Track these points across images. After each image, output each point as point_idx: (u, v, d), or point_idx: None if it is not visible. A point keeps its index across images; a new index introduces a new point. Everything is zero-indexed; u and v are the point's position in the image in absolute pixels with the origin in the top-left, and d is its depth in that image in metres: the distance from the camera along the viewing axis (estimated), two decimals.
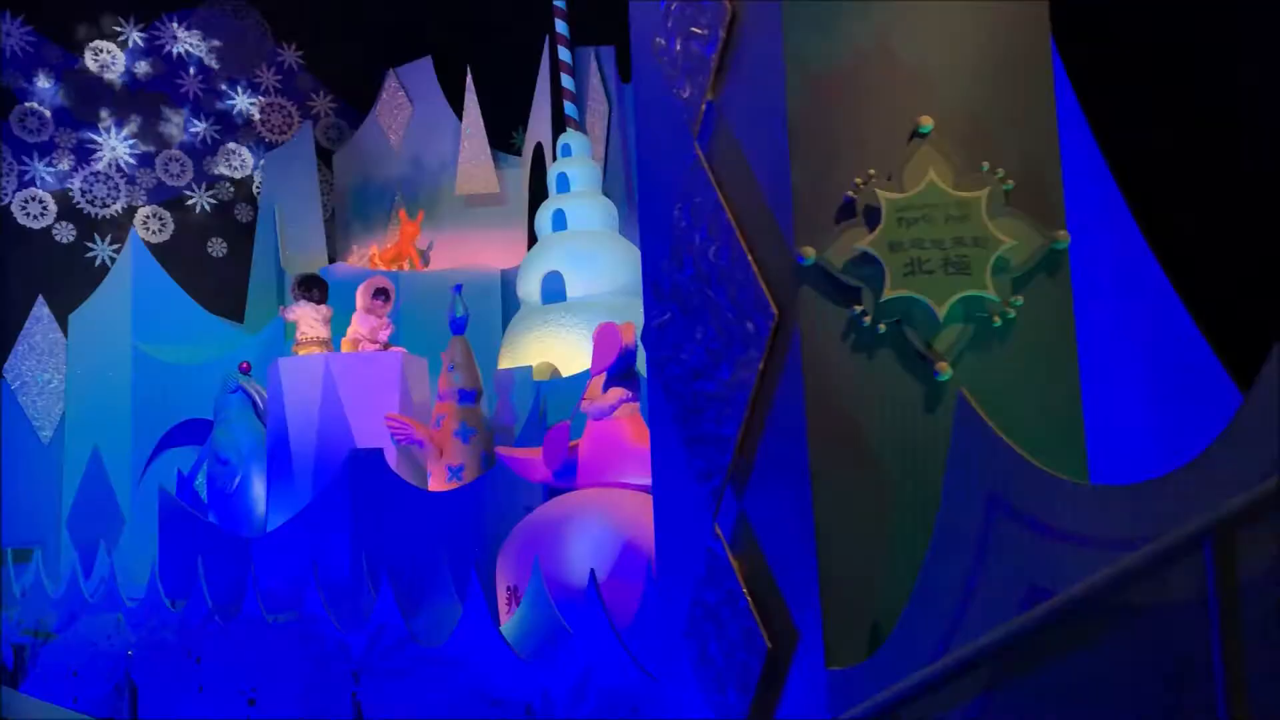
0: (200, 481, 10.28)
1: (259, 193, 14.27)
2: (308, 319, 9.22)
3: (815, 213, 2.92)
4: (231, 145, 14.29)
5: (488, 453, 8.72)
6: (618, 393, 6.63)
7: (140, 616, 8.53)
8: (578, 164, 10.52)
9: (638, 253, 10.53)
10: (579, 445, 6.91)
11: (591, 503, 6.58)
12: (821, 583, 2.81)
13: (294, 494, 8.60)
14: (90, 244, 13.14)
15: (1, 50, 12.77)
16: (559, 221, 10.29)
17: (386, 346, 8.99)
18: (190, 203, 13.92)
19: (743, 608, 2.95)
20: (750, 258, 2.96)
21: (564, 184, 10.46)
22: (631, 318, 9.85)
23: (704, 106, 3.16)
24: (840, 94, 2.95)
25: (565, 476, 6.86)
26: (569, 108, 11.05)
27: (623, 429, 6.61)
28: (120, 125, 13.47)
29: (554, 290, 10.02)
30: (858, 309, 2.87)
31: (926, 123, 2.91)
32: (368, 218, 14.16)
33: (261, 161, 14.27)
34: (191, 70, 14.08)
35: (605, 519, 6.38)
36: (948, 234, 2.84)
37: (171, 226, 13.75)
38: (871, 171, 2.91)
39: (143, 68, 13.75)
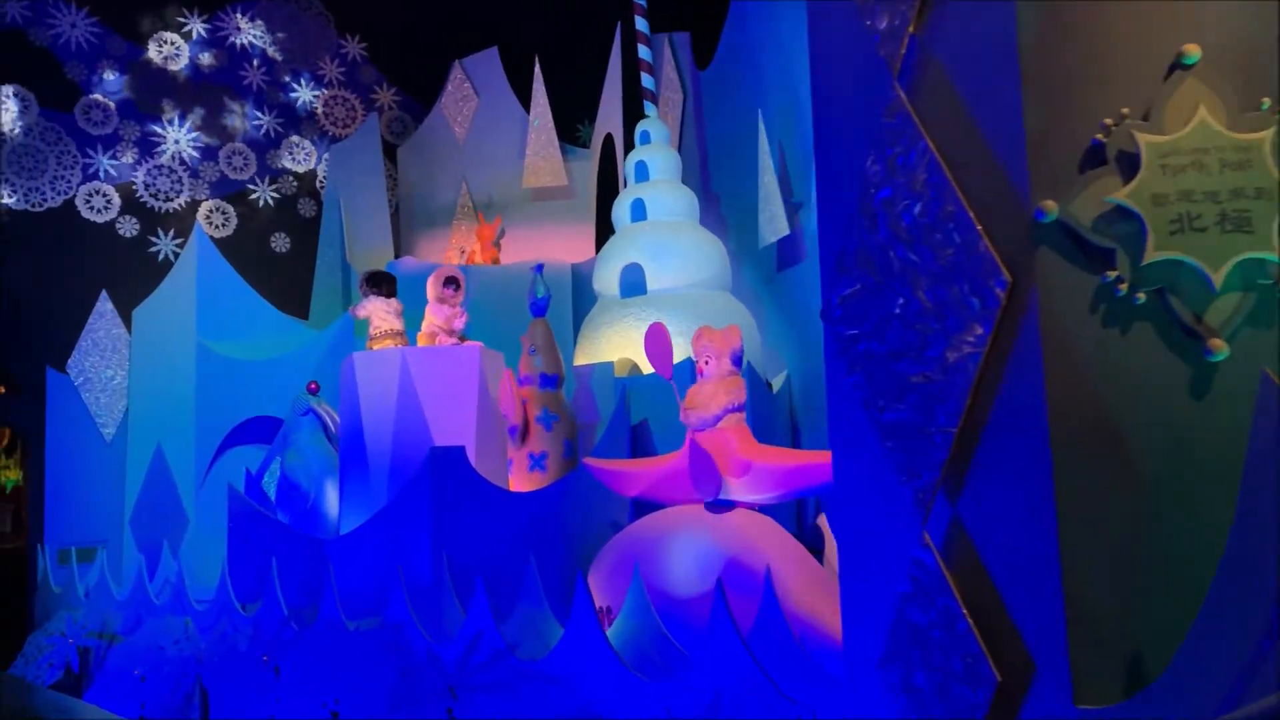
0: (268, 481, 9.96)
1: (323, 187, 14.00)
2: (379, 313, 8.85)
3: (1054, 161, 2.44)
4: (295, 138, 14.02)
5: (570, 440, 8.32)
6: (723, 400, 6.15)
7: (209, 620, 8.19)
8: (657, 151, 10.09)
9: (720, 244, 10.12)
10: (678, 457, 6.45)
11: (694, 519, 6.12)
12: (1067, 603, 2.33)
13: (369, 494, 8.24)
14: (153, 238, 12.91)
15: (66, 42, 12.58)
16: (638, 211, 9.86)
17: (463, 339, 8.60)
18: (253, 197, 13.67)
19: (963, 631, 2.47)
20: (972, 215, 2.48)
21: (643, 172, 10.03)
22: (714, 312, 9.41)
23: (906, 40, 2.69)
24: (1083, 19, 2.47)
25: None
26: (647, 79, 10.60)
27: (727, 440, 6.13)
28: (184, 118, 13.25)
29: (633, 283, 9.60)
30: (1110, 275, 2.39)
31: (1192, 52, 2.42)
32: (432, 212, 13.85)
33: (326, 155, 14.00)
34: (254, 62, 13.83)
35: (709, 536, 5.92)
36: (1224, 184, 2.35)
37: (234, 221, 13.50)
38: (1124, 110, 2.43)
39: (206, 59, 13.52)
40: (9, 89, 12.13)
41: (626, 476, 6.79)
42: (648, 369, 9.12)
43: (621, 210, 9.96)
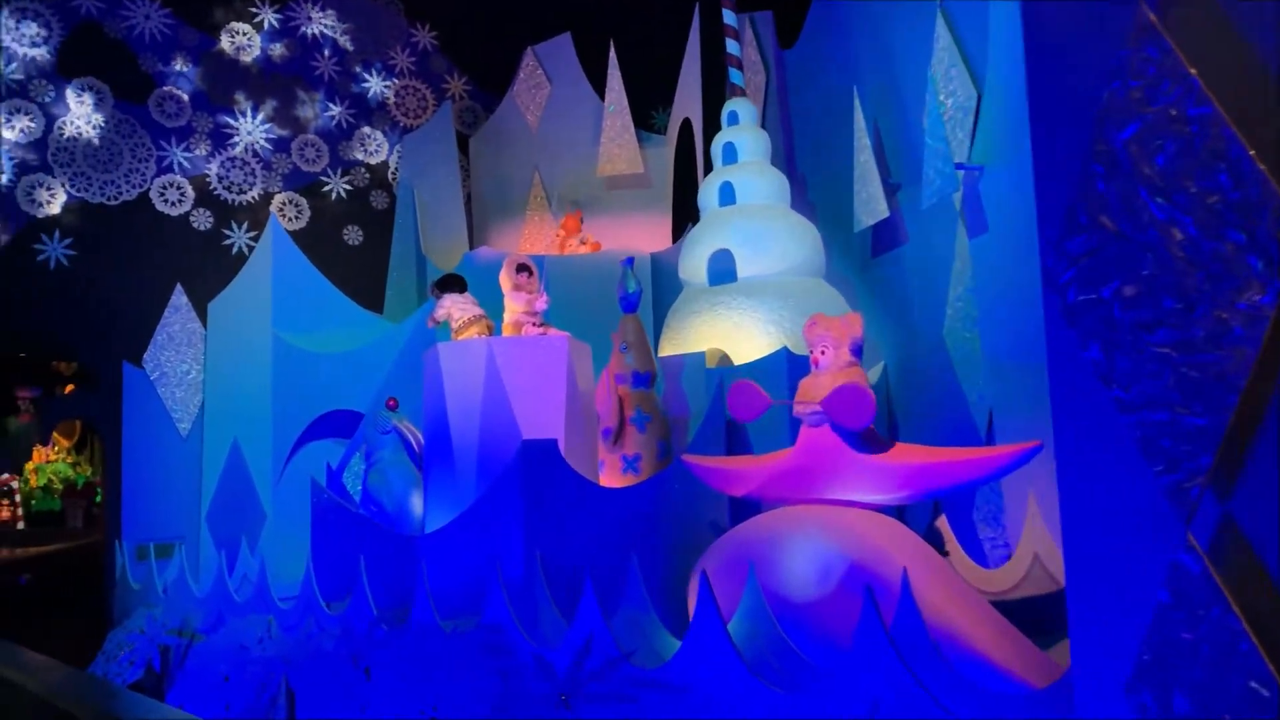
0: (351, 482, 9.74)
1: (395, 179, 13.79)
2: (458, 306, 8.55)
3: None
4: (366, 129, 13.82)
5: (664, 441, 7.95)
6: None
7: (294, 619, 7.96)
8: (746, 133, 9.67)
9: (813, 229, 9.68)
10: (790, 455, 6.04)
11: (810, 520, 5.70)
12: None
13: (456, 489, 7.93)
14: (227, 231, 12.78)
15: (140, 34, 12.48)
16: (727, 195, 9.46)
17: (545, 324, 8.27)
18: (326, 189, 13.49)
19: (1246, 651, 2.05)
20: (1253, 154, 2.06)
21: (731, 155, 9.63)
22: (809, 300, 8.99)
23: None
24: None
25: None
26: (734, 74, 10.19)
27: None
28: (256, 109, 13.10)
29: (723, 270, 9.21)
30: None
31: None
32: (505, 202, 13.59)
33: (398, 146, 13.79)
34: (326, 52, 13.65)
35: (828, 538, 5.49)
36: None
37: (308, 214, 13.33)
38: None
39: (278, 50, 13.37)
40: (84, 82, 12.05)
41: (732, 475, 6.41)
42: (741, 359, 8.74)
43: (709, 194, 9.57)
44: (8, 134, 11.63)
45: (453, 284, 8.52)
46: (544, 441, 7.13)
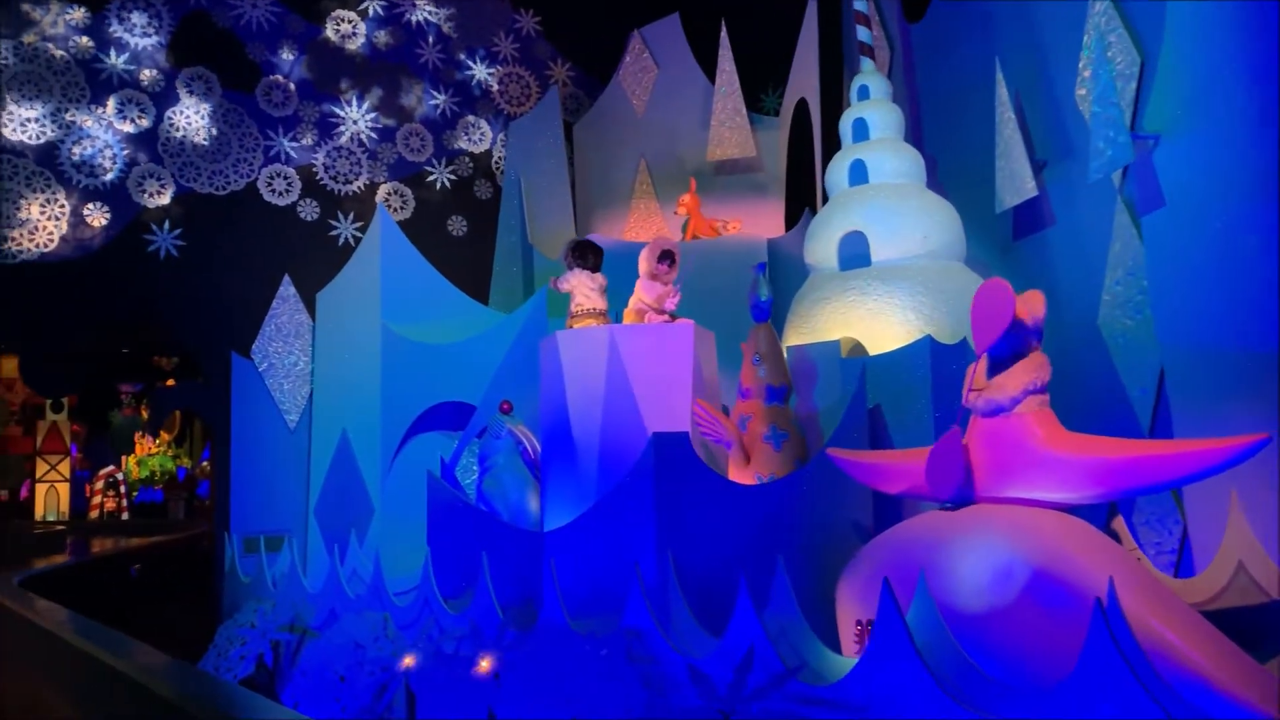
0: (463, 476, 9.46)
1: (499, 168, 13.52)
2: (583, 288, 8.16)
3: None
4: (470, 118, 13.59)
5: (801, 459, 7.41)
6: (1023, 379, 5.16)
7: (411, 617, 7.68)
8: (878, 108, 9.12)
9: (952, 210, 9.07)
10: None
11: (984, 521, 5.15)
12: None
13: (576, 484, 7.55)
14: (334, 221, 12.63)
15: (248, 23, 12.40)
16: (858, 174, 8.92)
17: (673, 317, 7.84)
18: (430, 179, 13.28)
19: None
20: None
21: (862, 131, 9.08)
22: (950, 286, 8.41)
23: None
24: None
25: (960, 497, 5.40)
26: (862, 33, 9.63)
27: (1028, 428, 5.15)
28: (361, 98, 12.94)
29: (855, 254, 8.67)
30: None
31: None
32: (610, 190, 13.20)
33: (501, 135, 13.52)
34: (430, 39, 13.44)
35: (1007, 542, 4.94)
36: None
37: (412, 204, 13.14)
38: None
39: (382, 38, 13.19)
40: (193, 72, 12.00)
41: (887, 470, 5.89)
42: (877, 348, 8.20)
43: (838, 173, 9.04)
44: (119, 125, 11.62)
45: (588, 253, 8.10)
46: (675, 434, 6.71)
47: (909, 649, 4.11)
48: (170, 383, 27.55)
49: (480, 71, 13.70)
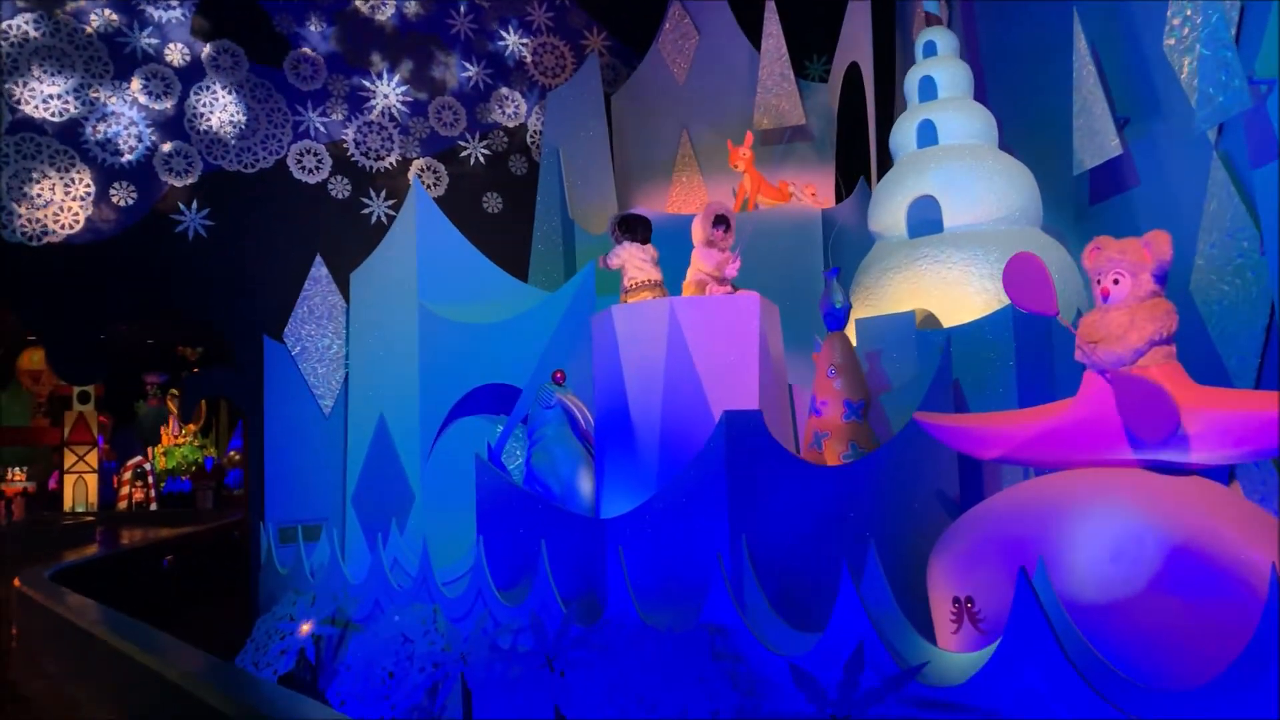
0: (517, 459, 9.02)
1: (534, 142, 13.05)
2: (635, 261, 7.67)
3: None
4: (504, 90, 13.10)
5: None
6: (1147, 330, 4.65)
7: (463, 609, 7.25)
8: (946, 65, 8.59)
9: (1028, 172, 8.53)
10: (1070, 406, 4.98)
11: (1106, 488, 4.63)
12: None
13: (634, 466, 7.08)
14: (366, 199, 12.19)
15: None
16: (927, 135, 8.40)
17: (735, 287, 7.35)
18: (464, 154, 12.81)
19: None
20: None
21: (929, 90, 8.55)
22: (1027, 249, 7.88)
23: None
24: None
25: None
26: (929, 4, 9.07)
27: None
28: (392, 71, 12.48)
29: (926, 220, 8.16)
30: None
31: None
32: (650, 163, 12.71)
33: (537, 108, 13.03)
34: (461, 9, 12.95)
35: (1137, 512, 4.42)
36: None
37: (446, 180, 12.68)
38: None
39: (412, 7, 12.71)
40: (219, 45, 11.57)
41: (984, 435, 5.34)
42: (952, 319, 7.69)
43: (904, 134, 8.51)
44: (144, 102, 11.21)
45: (637, 225, 7.62)
46: (748, 412, 6.22)
47: (1051, 645, 3.63)
48: (195, 372, 27.34)
49: (513, 42, 13.21)
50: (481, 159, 12.87)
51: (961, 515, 5.58)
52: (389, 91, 12.41)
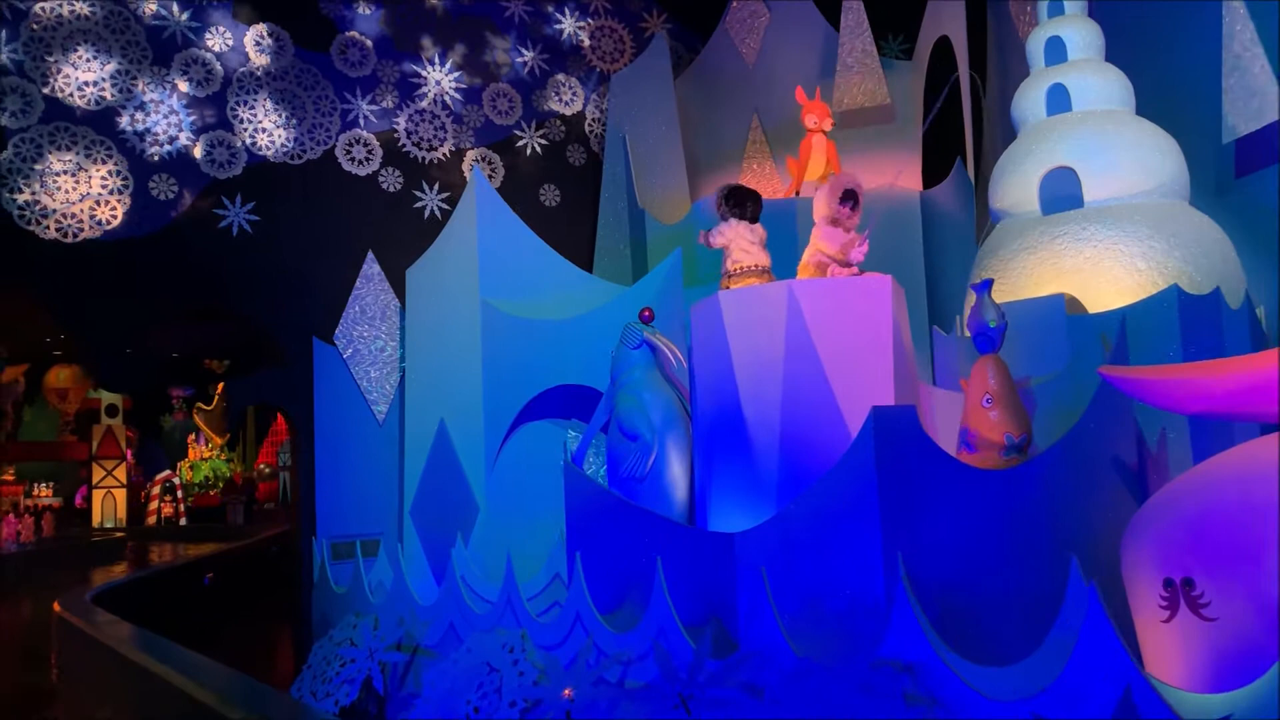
0: (595, 467, 8.20)
1: (592, 132, 12.27)
2: (742, 242, 6.88)
3: None
4: (560, 76, 12.33)
5: None
6: None
7: (557, 635, 6.43)
8: (1076, 25, 7.75)
9: (1172, 140, 7.67)
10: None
11: None
12: None
13: (750, 472, 6.27)
14: (418, 193, 11.43)
15: None
16: (1058, 101, 7.56)
17: (859, 272, 6.52)
18: (520, 144, 12.04)
19: None
20: None
21: (1058, 52, 7.72)
22: (1182, 228, 7.02)
23: None
24: None
25: None
26: None
27: None
28: (444, 56, 11.73)
29: (1062, 195, 7.31)
30: None
31: None
32: (718, 147, 11.88)
33: (594, 95, 12.25)
34: None
35: None
36: None
37: (501, 172, 11.92)
38: None
39: None
40: (263, 28, 10.86)
41: (1186, 387, 4.43)
42: (1099, 304, 6.83)
43: (1031, 101, 7.68)
44: (184, 86, 10.49)
45: (746, 199, 6.83)
46: (900, 409, 5.38)
47: None
48: (221, 387, 26.74)
49: (570, 25, 12.45)
50: (538, 149, 12.10)
51: (1168, 484, 4.73)
52: (441, 78, 11.66)
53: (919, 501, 5.28)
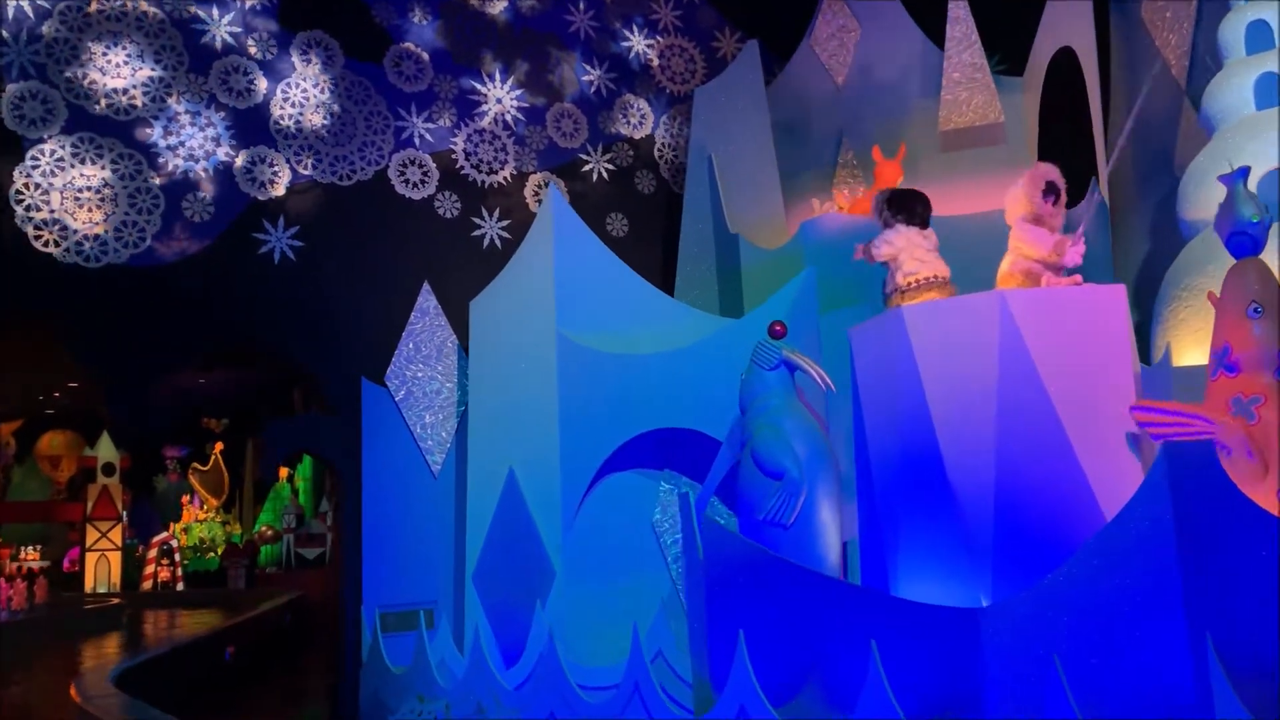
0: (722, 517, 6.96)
1: (661, 157, 11.22)
2: (916, 250, 5.78)
3: None
4: (628, 97, 11.31)
5: None
6: None
7: None
8: None
9: None
10: None
11: None
12: None
13: (951, 519, 5.07)
14: (477, 219, 10.31)
15: None
16: (1268, 93, 6.48)
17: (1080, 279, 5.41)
18: (586, 169, 10.96)
19: None
20: None
21: (1262, 37, 6.78)
22: None
23: None
24: None
25: None
26: None
27: None
28: (505, 72, 10.70)
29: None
30: None
31: None
32: (801, 172, 10.81)
33: (665, 116, 11.21)
34: (581, 4, 11.21)
35: None
36: None
37: (566, 199, 10.79)
38: None
39: (528, 1, 10.97)
40: (311, 37, 9.80)
41: None
42: None
43: (1235, 92, 6.70)
44: (223, 98, 9.39)
45: (916, 202, 5.76)
46: (1196, 445, 4.18)
47: None
48: (220, 446, 25.51)
49: (639, 43, 11.46)
50: (604, 175, 11.03)
51: None
52: (502, 95, 10.61)
53: (1226, 564, 4.07)
